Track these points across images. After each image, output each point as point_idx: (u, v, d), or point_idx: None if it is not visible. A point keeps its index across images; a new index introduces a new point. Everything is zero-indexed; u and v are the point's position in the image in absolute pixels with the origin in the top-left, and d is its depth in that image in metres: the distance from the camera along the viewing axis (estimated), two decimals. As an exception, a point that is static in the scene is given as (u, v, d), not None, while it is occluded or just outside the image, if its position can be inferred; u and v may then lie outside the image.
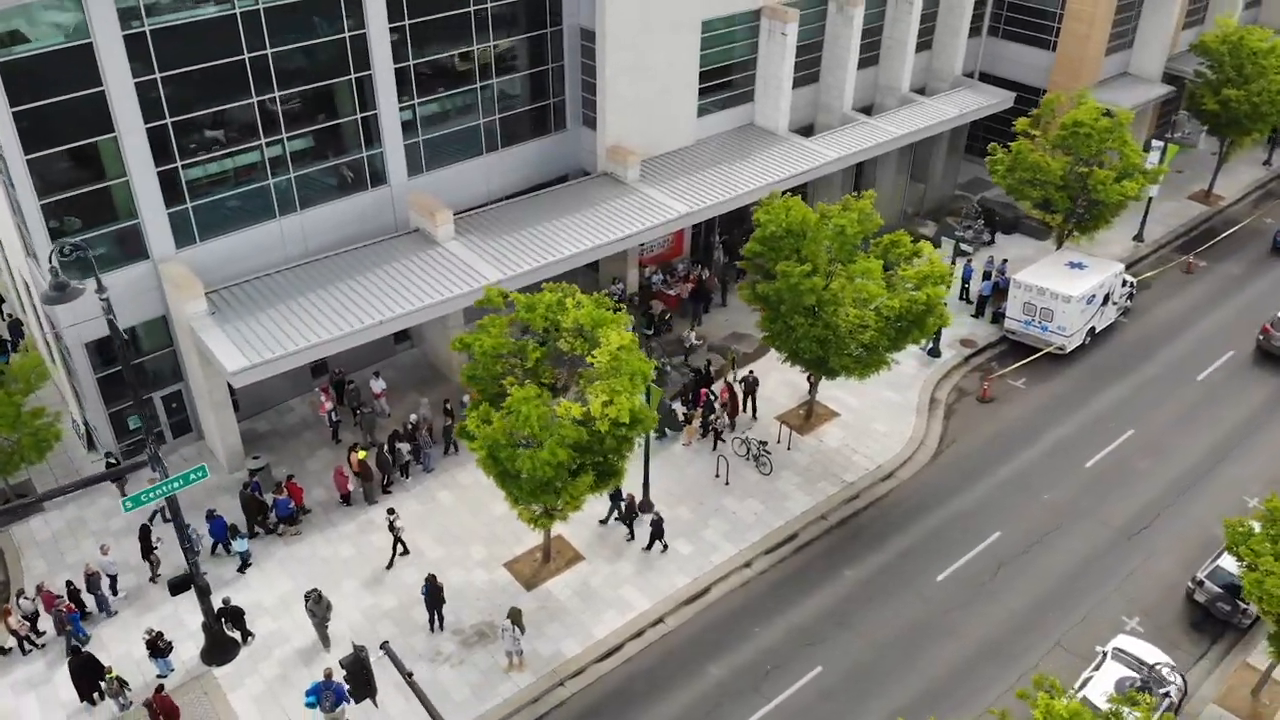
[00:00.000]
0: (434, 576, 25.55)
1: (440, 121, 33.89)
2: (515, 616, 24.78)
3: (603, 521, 29.32)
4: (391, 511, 27.79)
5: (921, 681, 25.27)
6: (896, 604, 27.36)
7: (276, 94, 29.41)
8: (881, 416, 34.07)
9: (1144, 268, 43.13)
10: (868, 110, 45.37)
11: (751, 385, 33.60)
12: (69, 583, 26.38)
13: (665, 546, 28.57)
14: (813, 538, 29.48)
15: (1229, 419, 34.36)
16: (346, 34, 30.14)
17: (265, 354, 27.38)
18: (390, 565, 27.91)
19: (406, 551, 28.17)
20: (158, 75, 27.02)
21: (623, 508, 28.85)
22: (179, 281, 28.28)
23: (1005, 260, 40.83)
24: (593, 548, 28.73)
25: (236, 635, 25.66)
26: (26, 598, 26.15)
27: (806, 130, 43.20)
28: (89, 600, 26.54)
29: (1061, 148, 37.79)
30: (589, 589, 27.46)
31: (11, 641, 25.65)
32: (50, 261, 20.00)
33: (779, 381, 34.81)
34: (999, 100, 44.47)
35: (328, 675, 23.21)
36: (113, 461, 29.77)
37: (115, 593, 27.04)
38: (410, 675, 18.60)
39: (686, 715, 24.36)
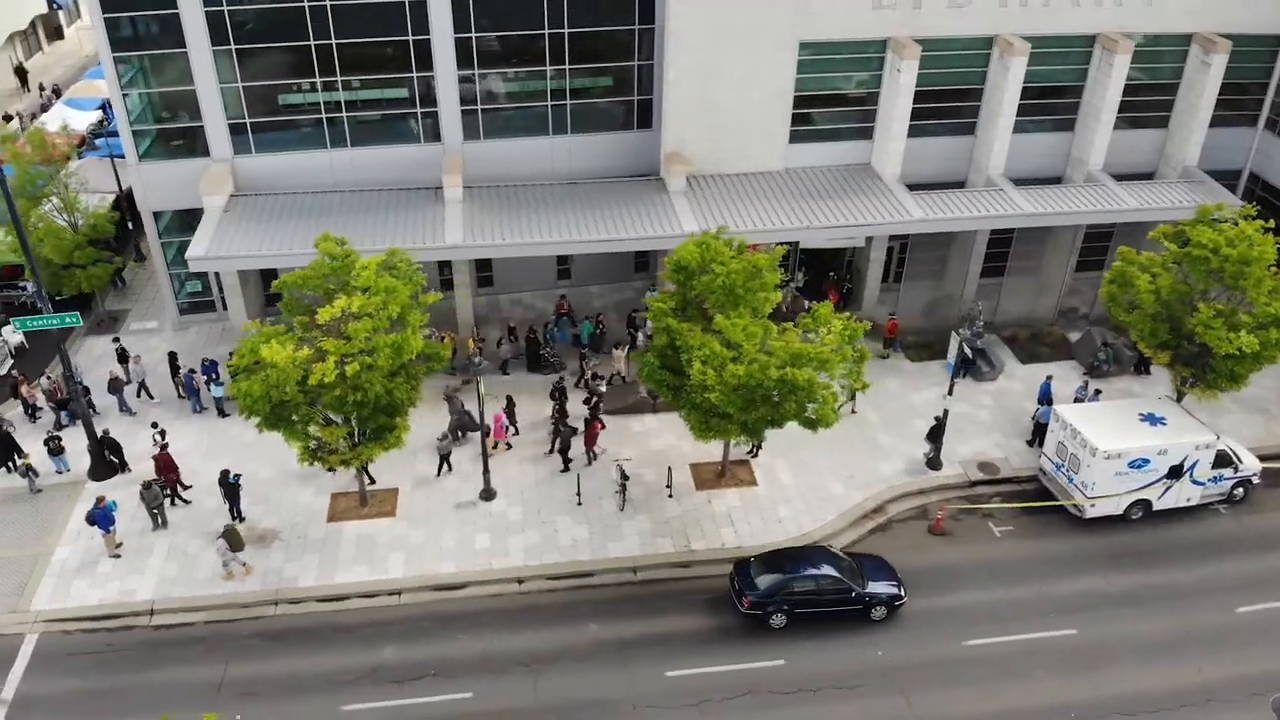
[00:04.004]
0: (226, 472, 28.78)
1: (504, 96, 35.95)
2: (225, 533, 27.27)
3: None
4: (155, 425, 31.11)
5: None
6: (602, 677, 25.01)
7: (334, 41, 33.74)
8: (799, 503, 30.15)
9: (1328, 461, 31.88)
10: (1057, 180, 38.53)
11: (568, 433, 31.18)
12: (80, 381, 33.84)
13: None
14: (604, 584, 27.72)
15: (1216, 670, 25.12)
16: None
17: (225, 251, 32.40)
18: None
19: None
20: (225, 8, 32.68)
21: None
22: (211, 178, 34.20)
23: (1099, 391, 32.85)
24: (413, 511, 29.79)
25: (116, 461, 31.20)
26: (48, 378, 34.07)
27: (957, 185, 38.12)
28: (111, 401, 33.51)
29: (1175, 268, 29.52)
30: (372, 542, 28.78)
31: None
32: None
33: (729, 432, 32.16)
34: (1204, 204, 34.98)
35: (99, 500, 27.74)
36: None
37: (138, 395, 34.01)
38: None
39: (333, 675, 25.01)
